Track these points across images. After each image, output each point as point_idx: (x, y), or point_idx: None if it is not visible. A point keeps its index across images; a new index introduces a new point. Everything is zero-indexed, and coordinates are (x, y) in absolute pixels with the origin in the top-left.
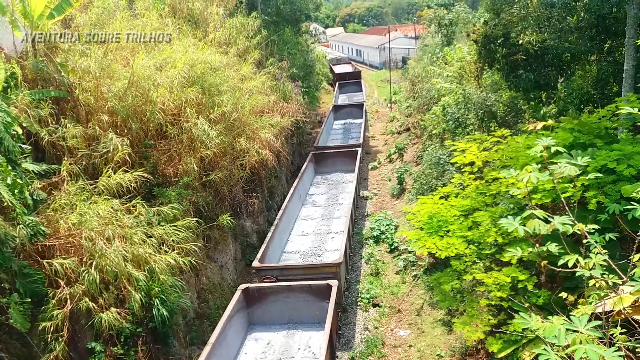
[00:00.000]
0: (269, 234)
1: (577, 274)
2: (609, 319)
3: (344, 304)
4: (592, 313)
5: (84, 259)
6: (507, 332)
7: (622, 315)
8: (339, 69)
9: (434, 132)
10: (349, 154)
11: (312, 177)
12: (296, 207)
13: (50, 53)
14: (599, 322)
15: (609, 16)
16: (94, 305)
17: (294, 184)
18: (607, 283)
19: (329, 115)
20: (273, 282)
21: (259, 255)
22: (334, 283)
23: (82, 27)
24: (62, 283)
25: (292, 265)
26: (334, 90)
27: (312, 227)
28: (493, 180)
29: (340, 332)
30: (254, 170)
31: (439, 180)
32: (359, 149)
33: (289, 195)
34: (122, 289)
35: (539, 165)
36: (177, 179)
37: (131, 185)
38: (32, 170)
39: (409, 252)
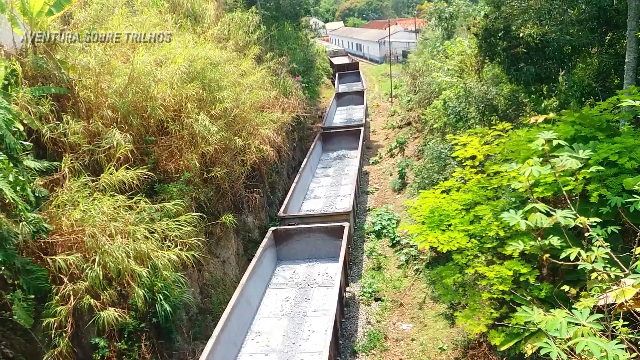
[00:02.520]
0: (288, 195)
1: (579, 267)
2: (611, 312)
3: (346, 298)
4: (594, 306)
5: (87, 256)
6: (509, 325)
7: (624, 308)
8: (337, 60)
9: (435, 126)
10: (352, 133)
11: (321, 154)
12: (308, 177)
13: (50, 50)
14: (601, 315)
15: (609, 8)
16: (97, 302)
17: (305, 158)
18: (609, 276)
19: (333, 102)
20: None
21: (282, 208)
22: (346, 224)
23: (82, 24)
24: (65, 279)
25: (310, 213)
26: (334, 84)
27: (322, 192)
28: (494, 174)
29: (351, 263)
30: (255, 166)
31: (441, 175)
32: (362, 129)
33: (301, 167)
34: (126, 284)
35: (541, 159)
36: (178, 175)
37: (133, 182)
38: (34, 167)
39: (411, 246)
